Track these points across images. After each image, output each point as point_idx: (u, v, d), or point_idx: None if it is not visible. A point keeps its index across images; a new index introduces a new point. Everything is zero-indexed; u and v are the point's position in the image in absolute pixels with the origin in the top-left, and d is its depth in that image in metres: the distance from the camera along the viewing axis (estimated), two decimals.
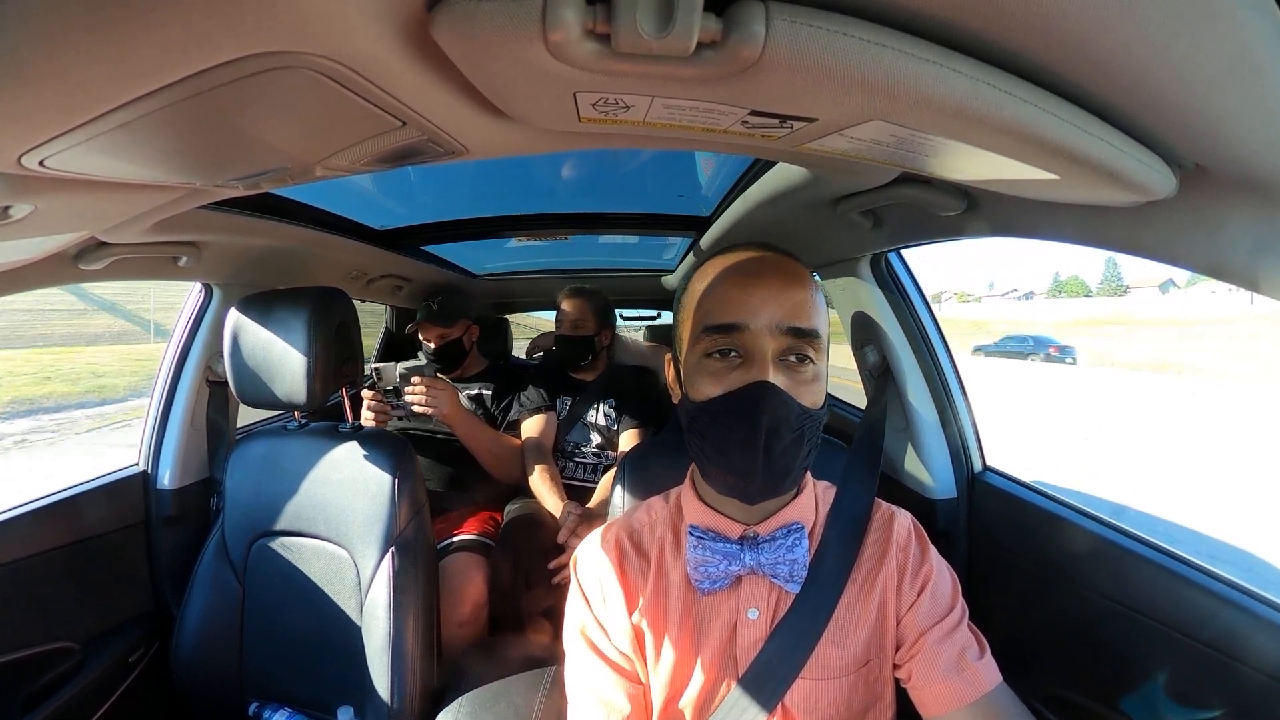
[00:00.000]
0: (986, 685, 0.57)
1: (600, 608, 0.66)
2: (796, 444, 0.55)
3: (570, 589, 0.69)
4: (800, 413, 0.55)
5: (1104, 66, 0.38)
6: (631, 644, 0.64)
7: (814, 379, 0.56)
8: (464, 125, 0.56)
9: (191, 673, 1.11)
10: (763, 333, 0.55)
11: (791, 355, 0.55)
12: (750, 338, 0.55)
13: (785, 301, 0.55)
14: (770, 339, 0.55)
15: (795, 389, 0.55)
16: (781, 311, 0.55)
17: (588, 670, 0.65)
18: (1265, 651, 0.66)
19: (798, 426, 0.55)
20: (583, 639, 0.66)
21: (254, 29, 0.34)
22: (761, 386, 0.54)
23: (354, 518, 1.09)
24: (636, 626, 0.64)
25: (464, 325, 1.90)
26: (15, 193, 0.55)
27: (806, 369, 0.56)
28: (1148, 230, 0.59)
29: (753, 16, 0.33)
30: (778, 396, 0.53)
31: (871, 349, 1.28)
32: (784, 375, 0.55)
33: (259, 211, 1.16)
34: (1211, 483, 6.23)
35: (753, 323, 0.55)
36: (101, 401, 12.10)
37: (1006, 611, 1.05)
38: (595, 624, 0.66)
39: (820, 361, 0.57)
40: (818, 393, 0.57)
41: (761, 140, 0.55)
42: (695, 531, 0.62)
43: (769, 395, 0.53)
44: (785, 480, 0.57)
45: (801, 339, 0.55)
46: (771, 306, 0.55)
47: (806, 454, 0.57)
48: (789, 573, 0.60)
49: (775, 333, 0.55)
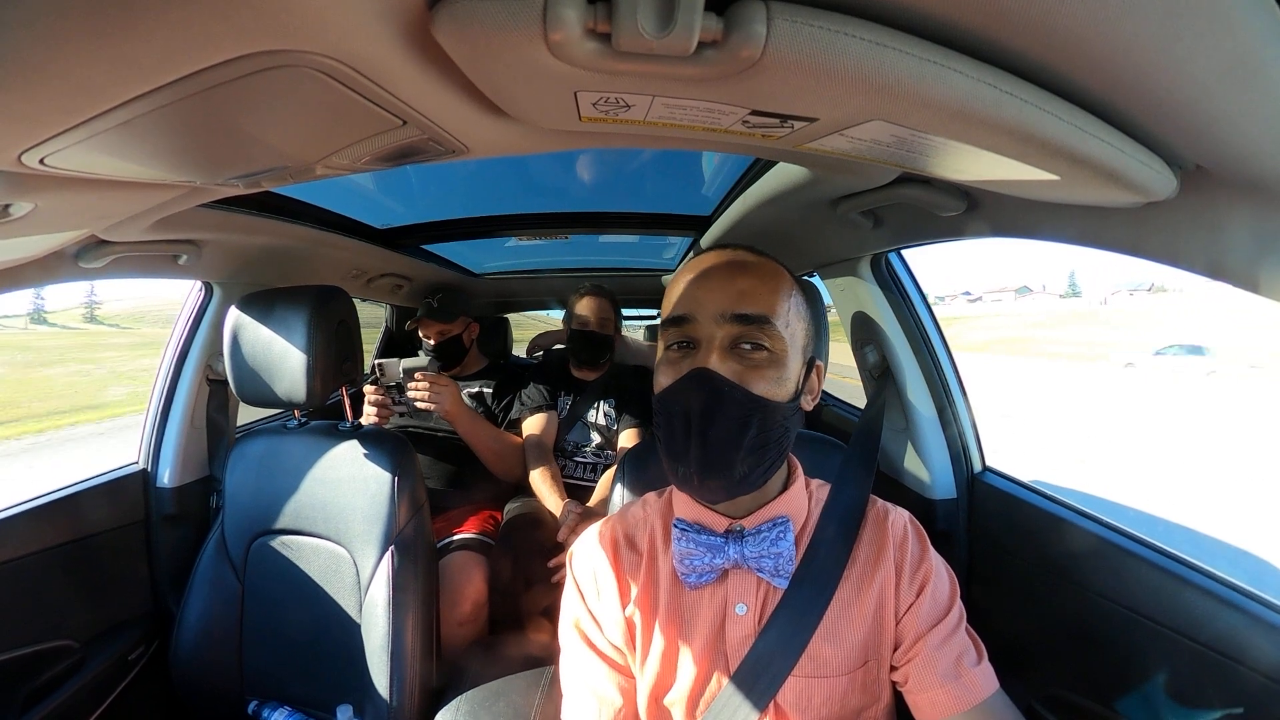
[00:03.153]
0: (983, 693, 0.57)
1: (594, 601, 0.66)
2: (740, 430, 0.54)
3: (566, 583, 0.69)
4: (745, 398, 0.54)
5: (1104, 67, 0.38)
6: (624, 637, 0.65)
7: (769, 366, 0.55)
8: (465, 124, 0.56)
9: (191, 671, 1.11)
10: (709, 321, 0.55)
11: (743, 343, 0.55)
12: (697, 328, 0.56)
13: (731, 290, 0.56)
14: (717, 327, 0.55)
15: (745, 375, 0.54)
16: (727, 300, 0.55)
17: (581, 663, 0.65)
18: (1265, 652, 0.66)
19: (741, 413, 0.54)
20: (577, 632, 0.66)
21: (255, 28, 0.34)
22: (698, 372, 0.54)
23: (354, 516, 1.09)
24: (629, 619, 0.64)
25: (464, 322, 1.90)
26: (15, 191, 0.55)
27: (760, 357, 0.55)
28: (1148, 231, 0.59)
29: (753, 16, 0.33)
30: (712, 381, 0.53)
31: (871, 349, 1.28)
32: (733, 362, 0.55)
33: (259, 210, 1.16)
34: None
35: (699, 313, 0.56)
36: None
37: (1006, 612, 1.05)
38: (589, 617, 0.66)
39: (779, 349, 0.56)
40: (776, 381, 0.55)
41: (762, 140, 0.55)
42: (680, 524, 0.62)
43: (704, 381, 0.54)
44: (729, 471, 0.55)
45: (749, 325, 0.55)
46: (717, 295, 0.56)
47: (759, 444, 0.55)
48: (774, 566, 0.60)
49: (721, 321, 0.55)
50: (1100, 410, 11.35)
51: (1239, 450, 8.48)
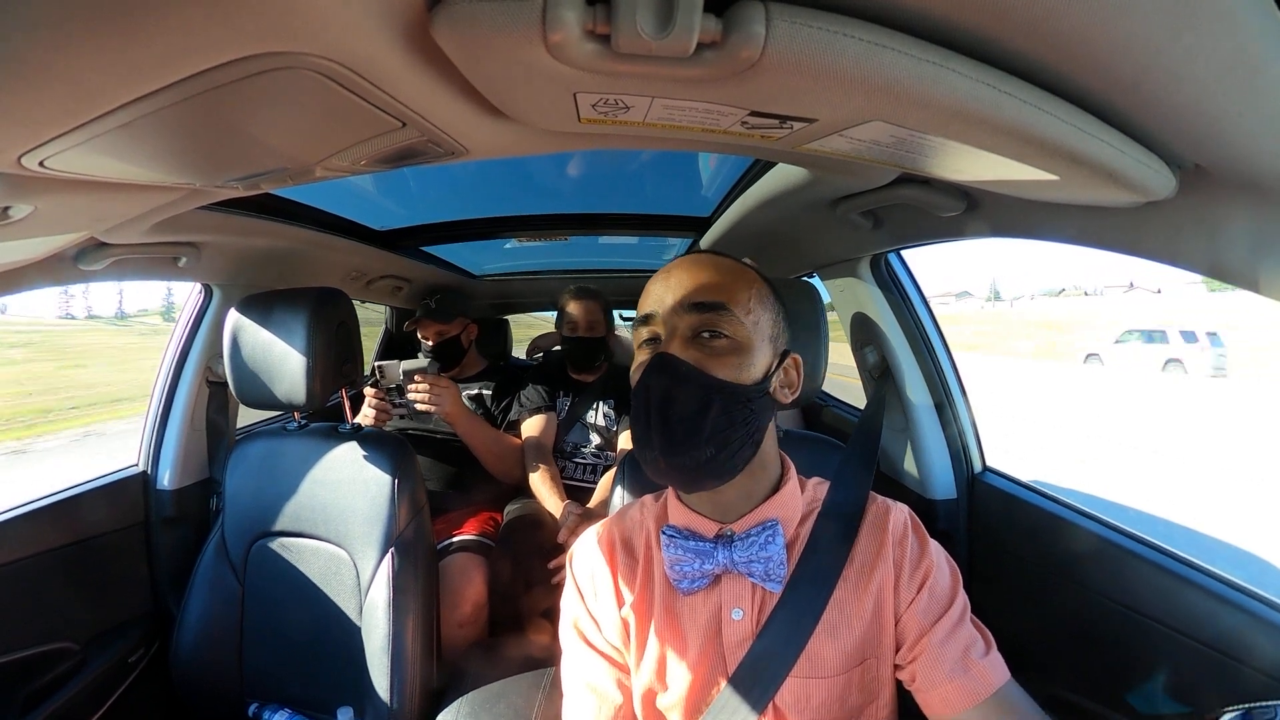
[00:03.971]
0: (995, 683, 0.56)
1: (593, 601, 0.67)
2: (701, 412, 0.54)
3: (565, 583, 0.70)
4: (705, 381, 0.55)
5: (1103, 67, 0.38)
6: (621, 637, 0.65)
7: (730, 352, 0.57)
8: (464, 126, 0.56)
9: (191, 673, 1.10)
10: (670, 314, 0.58)
11: (704, 331, 0.57)
12: (660, 323, 0.59)
13: (689, 283, 0.59)
14: (677, 318, 0.58)
15: (705, 361, 0.56)
16: (685, 292, 0.58)
17: (581, 661, 0.66)
18: (1265, 651, 0.66)
19: (703, 395, 0.55)
20: (576, 631, 0.67)
21: (254, 30, 0.34)
22: (658, 358, 0.56)
23: (354, 518, 1.09)
24: (625, 621, 0.65)
25: (462, 323, 1.89)
26: (15, 193, 0.55)
27: (719, 343, 0.57)
28: (1147, 231, 0.59)
29: (753, 17, 0.33)
30: (672, 365, 0.55)
31: (871, 349, 1.28)
32: (695, 350, 0.57)
33: (259, 212, 1.16)
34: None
35: (660, 308, 0.59)
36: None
37: (1007, 611, 1.05)
38: (588, 616, 0.67)
39: (740, 335, 0.57)
40: (735, 366, 0.56)
41: (761, 140, 0.55)
42: (668, 530, 0.62)
43: (665, 365, 0.56)
44: (694, 452, 0.55)
45: (707, 312, 0.57)
46: (676, 290, 0.59)
47: (724, 426, 0.55)
48: (764, 570, 0.59)
49: (680, 311, 0.58)
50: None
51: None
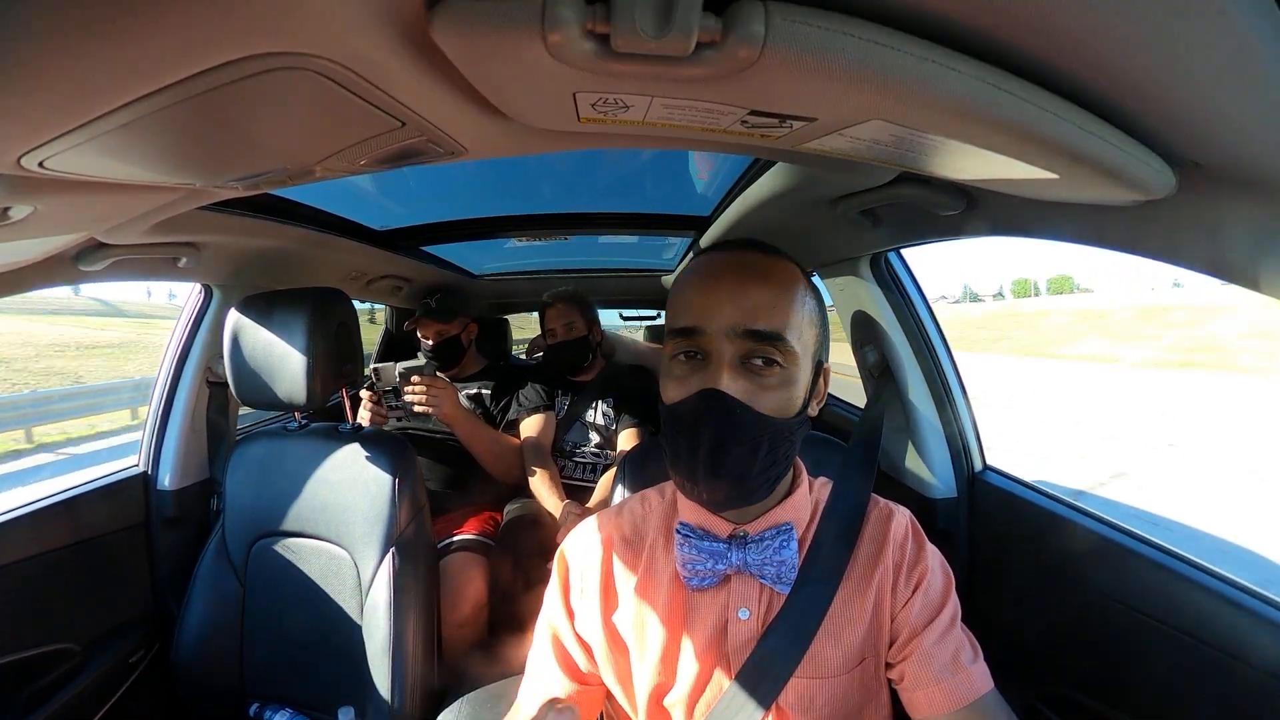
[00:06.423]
0: (980, 689, 0.57)
1: (577, 598, 0.66)
2: (752, 453, 0.53)
3: (551, 576, 0.69)
4: (756, 421, 0.52)
5: (1103, 65, 0.38)
6: (604, 635, 0.64)
7: (780, 385, 0.53)
8: (463, 125, 0.56)
9: (192, 674, 1.11)
10: (719, 336, 0.52)
11: (755, 359, 0.53)
12: (707, 341, 0.53)
13: (743, 302, 0.53)
14: (727, 343, 0.52)
15: (755, 395, 0.52)
16: (739, 313, 0.52)
17: (541, 660, 0.67)
18: (1265, 651, 0.66)
19: (753, 436, 0.52)
20: (548, 629, 0.67)
21: (253, 30, 0.34)
22: (707, 395, 0.52)
23: (354, 518, 1.09)
24: (620, 619, 0.64)
25: (462, 322, 1.89)
26: (15, 194, 0.55)
27: (772, 374, 0.53)
28: (1147, 229, 0.59)
29: (752, 16, 0.33)
30: (724, 405, 0.51)
31: (871, 349, 1.28)
32: (744, 380, 0.52)
33: (259, 212, 1.16)
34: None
35: (709, 326, 0.53)
36: None
37: (1007, 611, 1.05)
38: (565, 613, 0.66)
39: (792, 364, 0.54)
40: (784, 400, 0.54)
41: (761, 140, 0.55)
42: (683, 529, 0.62)
43: (715, 404, 0.51)
44: (740, 489, 0.55)
45: (762, 342, 0.52)
46: (728, 308, 0.52)
47: (769, 463, 0.55)
48: (777, 574, 0.60)
49: (732, 336, 0.52)
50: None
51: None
